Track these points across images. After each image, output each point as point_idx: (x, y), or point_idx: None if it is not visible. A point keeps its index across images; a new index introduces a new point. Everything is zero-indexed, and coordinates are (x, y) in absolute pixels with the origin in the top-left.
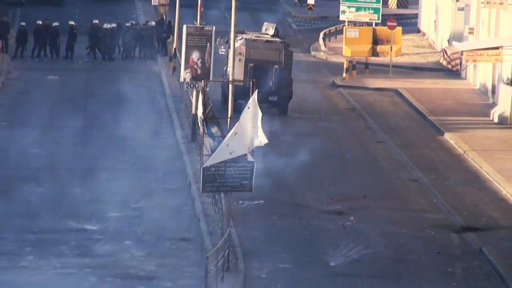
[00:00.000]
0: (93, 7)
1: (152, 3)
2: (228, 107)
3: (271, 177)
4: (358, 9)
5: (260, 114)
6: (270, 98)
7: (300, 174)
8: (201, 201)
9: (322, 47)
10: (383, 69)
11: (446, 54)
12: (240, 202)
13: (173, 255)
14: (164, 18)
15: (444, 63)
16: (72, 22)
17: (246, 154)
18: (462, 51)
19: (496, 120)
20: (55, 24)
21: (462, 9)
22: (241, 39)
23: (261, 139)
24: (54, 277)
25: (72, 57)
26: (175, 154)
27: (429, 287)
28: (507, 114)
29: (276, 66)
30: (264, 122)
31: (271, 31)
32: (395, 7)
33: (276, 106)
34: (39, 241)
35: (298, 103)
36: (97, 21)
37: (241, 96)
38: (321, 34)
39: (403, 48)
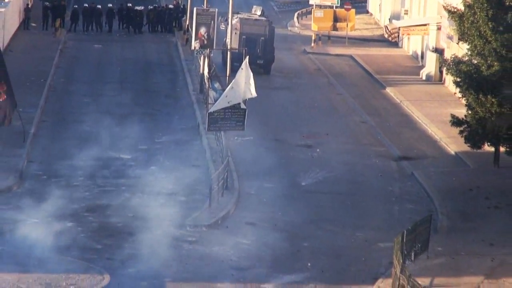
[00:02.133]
0: None
1: None
2: (226, 68)
3: (258, 120)
4: None
5: (250, 73)
6: (257, 61)
7: (279, 118)
8: (207, 137)
9: (296, 24)
10: (341, 40)
11: (388, 29)
12: (236, 138)
13: (187, 177)
14: (180, 2)
15: (386, 36)
16: (110, 5)
17: (240, 103)
18: (399, 27)
19: (424, 78)
20: (98, 6)
21: None
22: (236, 18)
23: (252, 92)
24: (98, 193)
25: (111, 31)
26: (188, 103)
27: (375, 201)
28: (432, 73)
29: (262, 38)
30: (258, 78)
31: (259, 12)
32: None
33: (262, 67)
34: (87, 167)
35: (278, 65)
36: (130, 4)
37: (237, 60)
38: (296, 14)
39: (356, 25)
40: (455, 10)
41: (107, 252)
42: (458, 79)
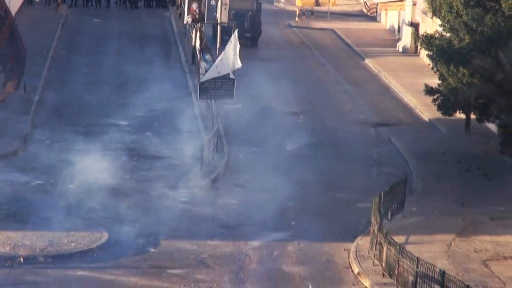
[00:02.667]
0: None
1: None
2: (217, 41)
3: (246, 89)
4: None
5: (238, 46)
6: (245, 35)
7: (266, 87)
8: (199, 105)
9: (282, 0)
10: (323, 15)
11: (367, 5)
12: (225, 106)
13: (180, 142)
14: None
15: (365, 11)
16: None
17: (229, 73)
18: (377, 3)
19: (400, 50)
20: None
21: None
22: None
23: (238, 63)
24: (98, 157)
25: (109, 7)
26: (181, 73)
27: (355, 165)
28: (408, 46)
29: (250, 13)
30: (241, 51)
31: None
32: None
33: (250, 40)
34: (88, 132)
35: (265, 38)
36: None
37: (226, 33)
38: None
39: (337, 0)
40: None
41: (106, 212)
42: (431, 53)
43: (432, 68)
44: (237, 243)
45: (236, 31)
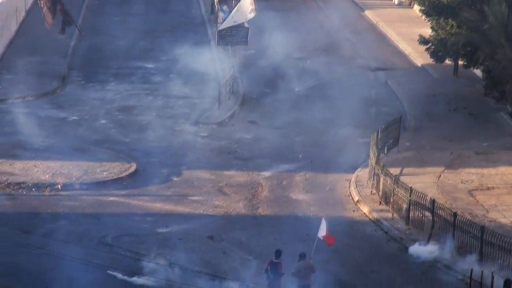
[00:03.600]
0: None
1: None
2: None
3: (259, 36)
4: None
5: None
6: None
7: (276, 35)
8: (216, 51)
9: None
10: None
11: None
12: (240, 51)
13: (200, 83)
14: None
15: None
16: None
17: (244, 22)
18: None
19: (396, 3)
20: None
21: None
22: None
23: (252, 13)
24: (127, 96)
25: None
26: (201, 22)
27: (355, 104)
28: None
29: None
30: (256, 3)
31: None
32: None
33: None
34: (118, 74)
35: None
36: None
37: None
38: None
39: None
40: None
41: (134, 145)
42: (423, 8)
43: (425, 19)
44: (250, 174)
45: None
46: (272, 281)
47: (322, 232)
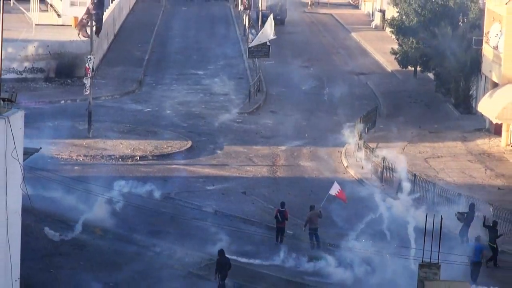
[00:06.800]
0: None
1: None
2: (259, 21)
3: (277, 51)
4: None
5: (273, 23)
6: (277, 17)
7: (289, 50)
8: (247, 62)
9: None
10: (325, 5)
11: None
12: (264, 62)
13: (236, 83)
14: None
15: (351, 2)
16: None
17: (266, 42)
18: None
19: (373, 27)
20: None
21: None
22: None
23: (273, 35)
24: (185, 94)
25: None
26: (236, 41)
27: (345, 99)
28: (378, 24)
29: (280, 3)
30: (275, 27)
31: None
32: None
33: (279, 21)
34: (178, 78)
35: (289, 19)
36: None
37: (265, 16)
38: None
39: None
40: None
41: (190, 128)
42: (392, 29)
43: (393, 38)
44: (272, 148)
45: (271, 15)
46: (280, 223)
47: (335, 190)
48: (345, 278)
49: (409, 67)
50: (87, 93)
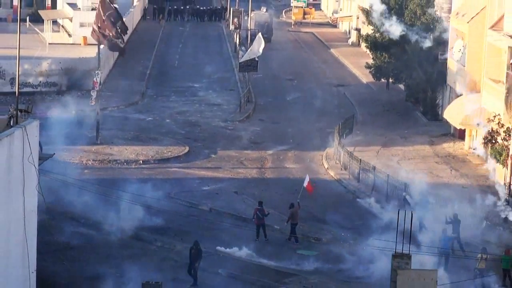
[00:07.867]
0: None
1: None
2: (248, 39)
3: (264, 66)
4: (298, 0)
5: (262, 40)
6: (264, 36)
7: (275, 65)
8: (238, 75)
9: (284, 15)
10: (307, 24)
11: (331, 18)
12: (253, 75)
13: (227, 95)
14: (223, 4)
15: (330, 22)
16: (187, 7)
17: (255, 57)
18: (337, 17)
19: (350, 44)
20: (181, 7)
21: (337, 0)
22: (253, 13)
23: (260, 52)
24: (182, 104)
25: (188, 20)
26: (228, 57)
27: (325, 107)
28: (354, 41)
29: (266, 23)
30: (261, 42)
31: (264, 10)
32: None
33: (266, 39)
34: (177, 91)
35: (275, 38)
36: (198, 6)
37: (253, 35)
38: (283, 10)
39: (315, 16)
40: (365, 9)
41: (187, 135)
42: (367, 45)
43: (368, 53)
44: (260, 152)
45: (259, 33)
46: (260, 220)
47: (305, 183)
48: (325, 269)
49: (382, 79)
50: (92, 104)
